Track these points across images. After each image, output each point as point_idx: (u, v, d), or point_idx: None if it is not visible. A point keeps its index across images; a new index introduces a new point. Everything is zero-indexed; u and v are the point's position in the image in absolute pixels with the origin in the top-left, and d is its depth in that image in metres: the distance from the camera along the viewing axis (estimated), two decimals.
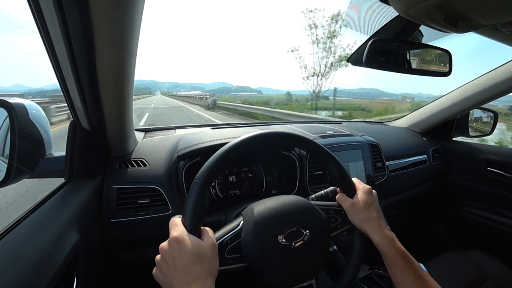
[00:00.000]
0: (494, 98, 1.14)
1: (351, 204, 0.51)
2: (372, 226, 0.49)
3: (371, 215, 0.50)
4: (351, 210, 0.51)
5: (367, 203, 0.51)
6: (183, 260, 0.36)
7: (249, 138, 0.46)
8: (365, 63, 0.59)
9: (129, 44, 0.47)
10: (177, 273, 0.35)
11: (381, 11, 0.56)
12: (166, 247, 0.37)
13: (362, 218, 0.50)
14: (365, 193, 0.52)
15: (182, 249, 0.36)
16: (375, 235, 0.49)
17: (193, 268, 0.36)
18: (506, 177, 1.15)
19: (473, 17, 0.43)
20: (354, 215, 0.51)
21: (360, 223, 0.50)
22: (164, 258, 0.37)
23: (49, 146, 0.61)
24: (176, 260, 0.36)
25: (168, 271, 0.36)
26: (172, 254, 0.36)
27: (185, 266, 0.35)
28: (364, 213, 0.50)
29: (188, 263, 0.36)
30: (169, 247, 0.37)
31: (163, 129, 1.10)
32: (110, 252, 0.72)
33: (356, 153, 1.00)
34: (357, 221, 0.51)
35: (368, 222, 0.50)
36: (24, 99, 0.58)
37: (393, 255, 0.47)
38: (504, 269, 0.87)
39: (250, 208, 0.47)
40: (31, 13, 0.42)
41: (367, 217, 0.50)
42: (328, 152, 0.53)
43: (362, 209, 0.50)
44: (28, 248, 0.43)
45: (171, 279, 0.36)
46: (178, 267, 0.35)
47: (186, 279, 0.35)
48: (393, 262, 0.47)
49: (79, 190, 0.63)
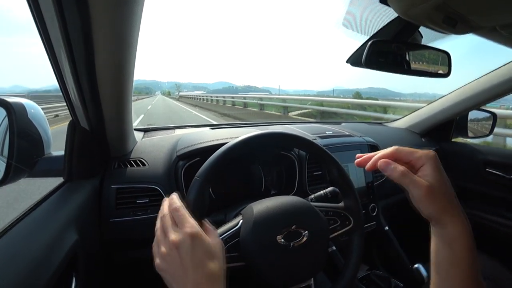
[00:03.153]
0: (493, 99, 1.14)
1: (429, 188, 0.33)
2: (452, 211, 0.34)
3: (451, 194, 0.34)
4: (427, 198, 0.33)
5: (445, 179, 0.34)
6: (197, 258, 0.33)
7: (249, 138, 0.47)
8: (365, 64, 0.59)
9: (128, 43, 0.47)
10: (191, 273, 0.32)
11: (380, 12, 0.56)
12: (178, 242, 0.33)
13: (444, 203, 0.34)
14: (434, 163, 0.34)
15: (197, 247, 0.33)
16: (455, 225, 0.34)
17: (207, 267, 0.33)
18: (505, 178, 1.15)
19: (472, 18, 0.44)
20: (433, 202, 0.33)
21: (438, 211, 0.34)
22: (176, 253, 0.33)
23: (48, 145, 0.61)
24: (189, 258, 0.33)
25: (179, 271, 0.33)
26: (185, 251, 0.33)
27: (200, 266, 0.33)
28: (445, 197, 0.34)
29: (204, 261, 0.33)
30: (182, 243, 0.33)
31: (162, 129, 1.10)
32: (108, 251, 0.72)
33: (355, 153, 1.00)
34: (436, 208, 0.34)
35: (449, 206, 0.34)
36: (23, 98, 0.58)
37: (466, 252, 0.34)
38: (503, 270, 0.87)
39: (249, 207, 0.47)
40: (30, 12, 0.42)
41: (449, 200, 0.34)
42: (327, 153, 0.53)
43: (443, 191, 0.34)
44: (26, 248, 0.42)
45: (183, 280, 0.33)
46: (192, 267, 0.33)
47: (201, 279, 0.32)
48: (460, 259, 0.34)
49: (78, 189, 0.62)
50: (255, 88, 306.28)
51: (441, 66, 0.66)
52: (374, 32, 0.62)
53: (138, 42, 0.49)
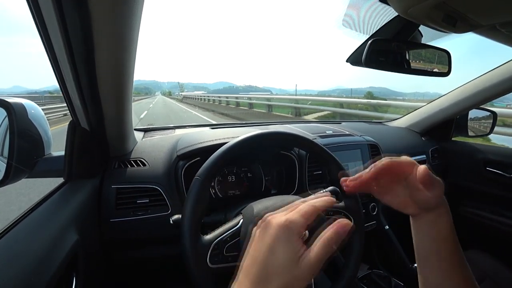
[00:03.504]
0: (493, 98, 1.14)
1: (426, 170, 0.36)
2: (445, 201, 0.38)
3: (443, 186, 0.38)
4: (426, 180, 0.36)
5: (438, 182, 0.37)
6: (279, 260, 0.26)
7: (249, 138, 0.47)
8: (364, 63, 0.59)
9: (128, 43, 0.47)
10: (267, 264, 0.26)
11: (380, 11, 0.56)
12: (276, 225, 0.28)
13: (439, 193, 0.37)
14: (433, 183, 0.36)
15: (285, 248, 0.27)
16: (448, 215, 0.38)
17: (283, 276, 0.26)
18: (505, 177, 1.15)
19: (472, 17, 0.44)
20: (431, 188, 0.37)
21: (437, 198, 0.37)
22: (265, 238, 0.28)
23: (48, 146, 0.61)
24: (267, 252, 0.27)
25: (263, 256, 0.27)
26: (282, 242, 0.27)
27: (285, 263, 0.26)
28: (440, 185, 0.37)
29: (282, 266, 0.26)
30: (278, 230, 0.27)
31: (162, 129, 1.10)
32: (109, 252, 0.72)
33: (355, 153, 1.00)
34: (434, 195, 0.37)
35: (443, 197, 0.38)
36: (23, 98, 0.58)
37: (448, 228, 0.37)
38: (503, 269, 0.87)
39: (250, 207, 0.47)
40: (29, 12, 0.42)
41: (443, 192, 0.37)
42: (328, 152, 0.53)
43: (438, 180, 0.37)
44: (27, 248, 0.42)
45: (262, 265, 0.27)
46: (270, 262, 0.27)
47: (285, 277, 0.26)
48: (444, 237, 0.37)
49: (78, 190, 0.63)
50: (256, 88, 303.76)
51: (441, 65, 0.66)
52: (374, 31, 0.62)
53: (138, 42, 0.49)
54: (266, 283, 0.26)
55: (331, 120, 1.47)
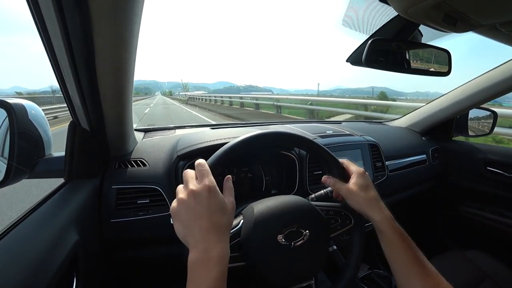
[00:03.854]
0: (494, 98, 1.14)
1: (348, 189, 0.51)
2: (372, 207, 0.49)
3: (370, 196, 0.50)
4: (348, 194, 0.51)
5: (364, 185, 0.51)
6: (211, 208, 0.37)
7: (249, 138, 0.47)
8: (365, 63, 0.59)
9: (128, 43, 0.47)
10: (202, 219, 0.36)
11: (380, 10, 0.56)
12: (197, 191, 0.37)
13: (361, 201, 0.50)
14: (360, 176, 0.52)
15: (213, 199, 0.37)
16: (376, 215, 0.48)
17: (217, 217, 0.37)
18: (505, 176, 1.15)
19: (472, 16, 0.44)
20: (353, 199, 0.51)
21: (360, 205, 0.50)
22: (192, 201, 0.37)
23: (49, 146, 0.61)
24: (204, 207, 0.37)
25: (192, 215, 0.37)
26: (202, 200, 0.37)
27: (211, 215, 0.37)
28: (362, 195, 0.50)
29: (215, 213, 0.37)
30: (200, 192, 0.37)
31: (162, 129, 1.10)
32: (109, 252, 0.72)
33: (355, 153, 1.00)
34: (357, 204, 0.50)
35: (368, 203, 0.50)
36: (23, 99, 0.58)
37: (392, 234, 0.47)
38: (503, 269, 0.87)
39: (250, 207, 0.47)
40: (29, 12, 0.42)
41: (367, 199, 0.50)
42: (328, 152, 0.53)
43: (360, 191, 0.50)
44: (27, 248, 0.42)
45: (193, 223, 0.36)
46: (204, 215, 0.36)
47: (209, 226, 0.36)
48: (391, 241, 0.47)
49: (78, 190, 0.63)
50: (257, 88, 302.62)
51: (441, 65, 0.66)
52: (374, 31, 0.62)
53: (138, 42, 0.49)
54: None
55: (331, 120, 1.47)
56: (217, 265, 0.35)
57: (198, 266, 0.34)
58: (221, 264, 0.35)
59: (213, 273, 0.34)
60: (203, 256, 0.35)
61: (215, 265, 0.35)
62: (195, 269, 0.34)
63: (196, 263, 0.34)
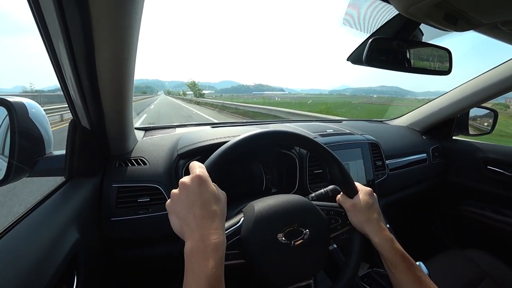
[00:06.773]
0: (494, 97, 1.14)
1: (352, 204, 0.52)
2: (372, 227, 0.50)
3: (371, 216, 0.50)
4: (352, 210, 0.52)
5: (368, 204, 0.51)
6: (203, 196, 0.38)
7: (250, 137, 0.47)
8: (365, 62, 0.59)
9: (129, 41, 0.47)
10: (195, 207, 0.37)
11: (381, 9, 0.56)
12: (188, 182, 0.38)
13: (362, 219, 0.50)
14: (366, 194, 0.53)
15: (204, 187, 0.38)
16: (375, 236, 0.49)
17: (210, 205, 0.38)
18: (505, 175, 1.15)
19: (473, 15, 0.43)
20: (355, 216, 0.51)
21: (360, 223, 0.51)
22: (184, 192, 0.38)
23: (49, 144, 0.61)
24: (196, 195, 0.37)
25: (185, 205, 0.37)
26: (194, 189, 0.38)
27: (204, 203, 0.37)
28: (364, 214, 0.50)
29: (208, 200, 0.38)
30: (191, 182, 0.38)
31: (163, 127, 1.10)
32: (110, 250, 0.72)
33: (356, 151, 1.00)
34: (357, 221, 0.51)
35: (368, 223, 0.50)
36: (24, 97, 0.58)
37: (393, 256, 0.47)
38: (503, 268, 0.87)
39: (250, 205, 0.47)
40: (30, 11, 0.42)
41: (368, 218, 0.50)
42: (328, 151, 0.53)
43: (363, 209, 0.51)
44: (28, 247, 0.43)
45: (187, 212, 0.37)
46: (197, 202, 0.37)
47: (203, 214, 0.36)
48: (392, 263, 0.47)
49: (79, 188, 0.63)
50: (268, 87, 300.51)
51: (442, 64, 0.66)
52: (375, 30, 0.62)
53: (138, 40, 0.49)
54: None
55: (332, 119, 1.47)
56: (214, 252, 0.34)
57: (195, 254, 0.34)
58: (218, 251, 0.35)
59: (211, 261, 0.34)
60: (199, 244, 0.35)
61: (212, 252, 0.34)
62: (192, 258, 0.34)
63: (193, 251, 0.34)
